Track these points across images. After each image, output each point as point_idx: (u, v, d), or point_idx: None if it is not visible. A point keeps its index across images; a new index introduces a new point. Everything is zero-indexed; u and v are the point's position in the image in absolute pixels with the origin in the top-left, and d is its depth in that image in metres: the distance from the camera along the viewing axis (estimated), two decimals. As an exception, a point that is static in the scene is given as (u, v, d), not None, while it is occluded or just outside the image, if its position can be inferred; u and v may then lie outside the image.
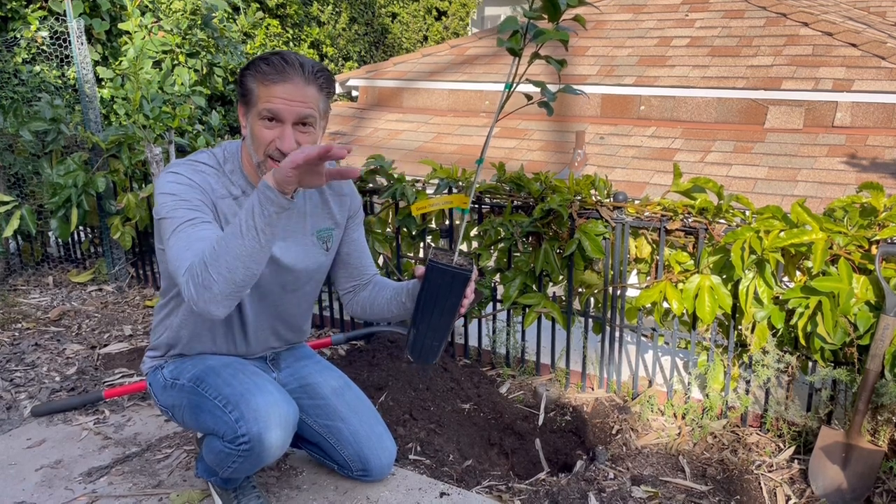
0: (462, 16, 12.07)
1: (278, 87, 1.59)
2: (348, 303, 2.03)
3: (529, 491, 2.14)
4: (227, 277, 1.46)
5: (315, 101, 1.64)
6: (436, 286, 1.59)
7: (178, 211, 1.61)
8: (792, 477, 2.24)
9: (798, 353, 2.35)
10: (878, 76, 4.87)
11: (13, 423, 2.50)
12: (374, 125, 6.26)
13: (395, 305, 1.87)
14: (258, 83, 1.62)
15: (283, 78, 1.60)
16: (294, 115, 1.61)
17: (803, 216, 2.18)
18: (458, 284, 1.59)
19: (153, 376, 1.93)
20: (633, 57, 5.85)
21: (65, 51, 4.64)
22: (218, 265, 1.45)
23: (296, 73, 1.61)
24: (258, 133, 1.63)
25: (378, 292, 1.95)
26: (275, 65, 1.60)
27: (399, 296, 1.86)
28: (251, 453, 1.66)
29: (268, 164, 1.65)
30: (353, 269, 2.01)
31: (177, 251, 1.56)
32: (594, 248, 2.55)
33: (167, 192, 1.64)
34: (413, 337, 1.66)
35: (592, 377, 2.80)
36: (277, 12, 8.68)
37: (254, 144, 1.65)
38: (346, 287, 2.03)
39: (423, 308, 1.63)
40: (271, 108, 1.60)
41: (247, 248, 1.44)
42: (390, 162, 3.13)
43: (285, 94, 1.60)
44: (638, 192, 4.43)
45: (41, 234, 4.31)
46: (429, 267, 1.59)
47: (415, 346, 1.67)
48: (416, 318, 1.65)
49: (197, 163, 1.72)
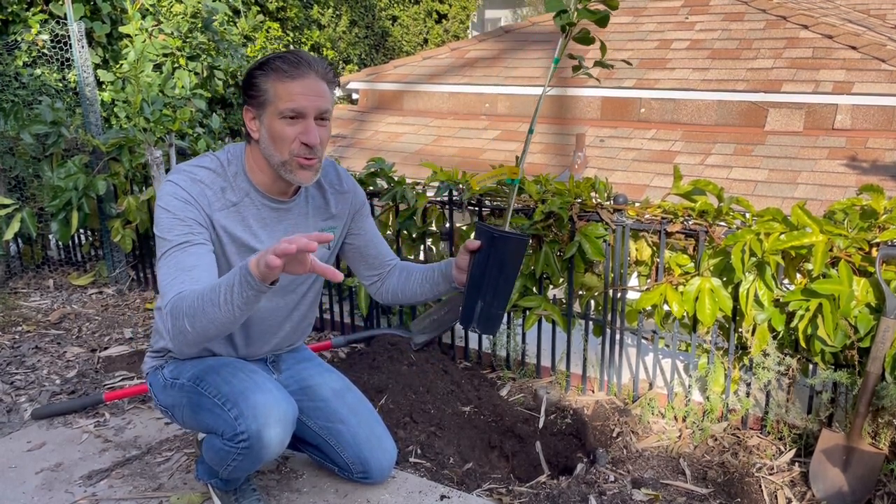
0: (462, 19, 12.09)
1: (297, 83, 1.63)
2: (376, 292, 2.06)
3: (530, 494, 2.14)
4: (200, 333, 1.52)
5: (329, 96, 1.69)
6: (501, 253, 1.66)
7: (172, 232, 1.64)
8: (793, 480, 2.23)
9: (798, 355, 2.35)
10: (879, 78, 4.87)
11: (13, 426, 2.50)
12: (375, 128, 6.27)
13: (427, 288, 1.93)
14: (274, 82, 1.64)
15: (301, 74, 1.63)
16: (316, 109, 1.65)
17: (803, 218, 2.18)
18: (522, 250, 1.69)
19: (153, 376, 1.93)
20: (634, 59, 5.86)
21: (65, 54, 4.64)
22: (194, 321, 1.50)
23: (311, 69, 1.65)
24: (280, 131, 1.65)
25: (406, 278, 1.99)
26: (291, 62, 1.64)
27: (431, 277, 1.92)
28: (250, 451, 1.66)
29: (296, 160, 1.67)
30: (372, 260, 2.03)
31: (163, 277, 1.61)
32: (594, 250, 2.55)
33: (164, 208, 1.66)
34: (479, 308, 1.71)
35: (593, 380, 2.80)
36: (278, 15, 8.69)
37: (275, 145, 1.67)
38: (371, 277, 2.05)
39: (487, 278, 1.69)
40: (295, 107, 1.63)
41: (222, 317, 1.47)
42: (391, 164, 3.13)
43: (305, 90, 1.63)
44: (638, 195, 4.43)
45: (41, 237, 4.31)
46: (494, 237, 1.66)
47: (481, 317, 1.72)
48: (478, 290, 1.70)
49: (198, 168, 1.73)
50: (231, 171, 1.76)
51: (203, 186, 1.70)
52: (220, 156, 1.78)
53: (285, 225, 1.83)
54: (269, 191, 1.78)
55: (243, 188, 1.76)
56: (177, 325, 1.53)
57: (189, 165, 1.74)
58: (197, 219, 1.67)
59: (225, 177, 1.75)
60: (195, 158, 1.77)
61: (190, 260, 1.62)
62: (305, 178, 1.71)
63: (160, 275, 1.63)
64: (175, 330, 1.55)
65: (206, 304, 1.47)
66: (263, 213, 1.79)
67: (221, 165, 1.75)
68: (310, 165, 1.69)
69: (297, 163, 1.67)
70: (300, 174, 1.69)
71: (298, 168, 1.68)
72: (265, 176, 1.76)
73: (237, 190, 1.75)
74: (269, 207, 1.80)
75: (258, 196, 1.78)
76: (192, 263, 1.61)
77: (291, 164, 1.68)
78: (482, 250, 1.69)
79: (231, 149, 1.80)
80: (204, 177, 1.72)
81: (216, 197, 1.72)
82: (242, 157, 1.78)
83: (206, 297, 1.47)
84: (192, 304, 1.50)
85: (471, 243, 1.72)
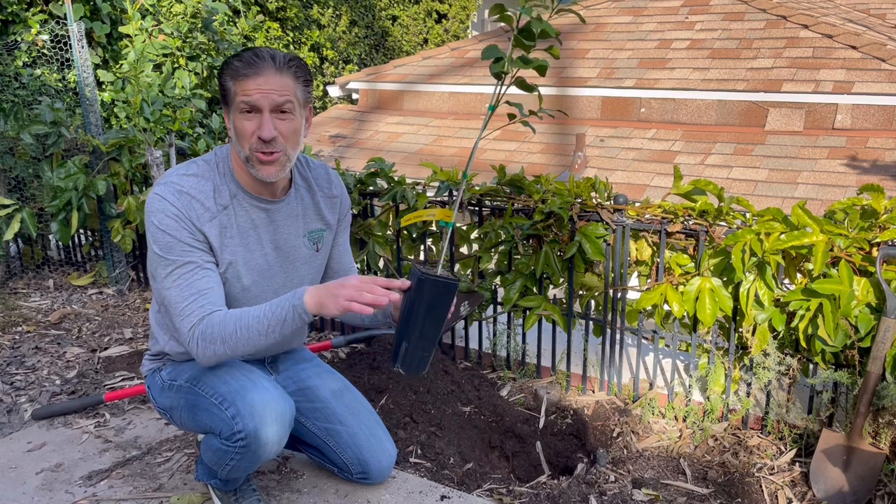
0: (462, 19, 12.09)
1: (251, 79, 1.63)
2: None
3: (530, 494, 2.14)
4: (231, 354, 1.66)
5: (291, 89, 1.67)
6: (428, 297, 1.62)
7: (173, 252, 1.66)
8: (793, 480, 2.23)
9: (799, 355, 2.35)
10: (879, 78, 4.87)
11: (14, 427, 2.50)
12: (375, 128, 6.27)
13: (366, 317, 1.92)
14: (232, 79, 1.65)
15: (255, 71, 1.63)
16: (270, 102, 1.64)
17: (804, 218, 2.18)
18: (449, 294, 1.64)
19: (151, 378, 1.93)
20: (634, 59, 5.85)
21: (65, 54, 4.64)
22: (233, 345, 1.63)
23: (266, 64, 1.64)
24: (240, 127, 1.66)
25: None
26: (246, 59, 1.64)
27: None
28: (248, 449, 1.66)
29: (256, 155, 1.67)
30: (333, 274, 2.02)
31: (175, 298, 1.66)
32: (595, 250, 2.55)
33: (157, 226, 1.66)
34: (404, 349, 1.67)
35: (593, 380, 2.80)
36: (278, 15, 8.68)
37: (238, 140, 1.68)
38: None
39: (412, 320, 1.65)
40: (247, 100, 1.63)
41: (263, 343, 1.63)
42: (391, 165, 3.13)
43: (258, 85, 1.63)
44: (638, 195, 4.43)
45: (42, 238, 4.31)
46: (421, 279, 1.61)
47: (405, 358, 1.69)
48: (405, 330, 1.66)
49: (184, 177, 1.71)
50: (220, 171, 1.76)
51: (189, 199, 1.69)
52: (207, 159, 1.78)
53: (275, 226, 1.83)
54: (256, 191, 1.78)
55: (231, 190, 1.76)
56: (209, 347, 1.64)
57: (176, 175, 1.72)
58: (192, 234, 1.68)
59: (213, 180, 1.74)
60: (183, 165, 1.76)
61: (202, 283, 1.66)
62: (268, 174, 1.70)
63: (170, 295, 1.66)
64: (206, 351, 1.65)
65: (251, 332, 1.61)
66: (253, 215, 1.78)
67: (210, 168, 1.75)
68: (270, 160, 1.68)
69: (257, 157, 1.67)
70: (262, 169, 1.69)
71: (259, 163, 1.68)
72: (248, 175, 1.76)
73: (227, 192, 1.75)
74: (259, 208, 1.79)
75: (246, 197, 1.77)
76: (205, 286, 1.66)
77: (253, 159, 1.68)
78: (410, 292, 1.65)
79: (218, 151, 1.80)
80: (191, 187, 1.70)
81: (204, 207, 1.70)
82: (229, 158, 1.78)
83: (250, 327, 1.61)
84: (230, 332, 1.60)
85: (402, 283, 1.68)
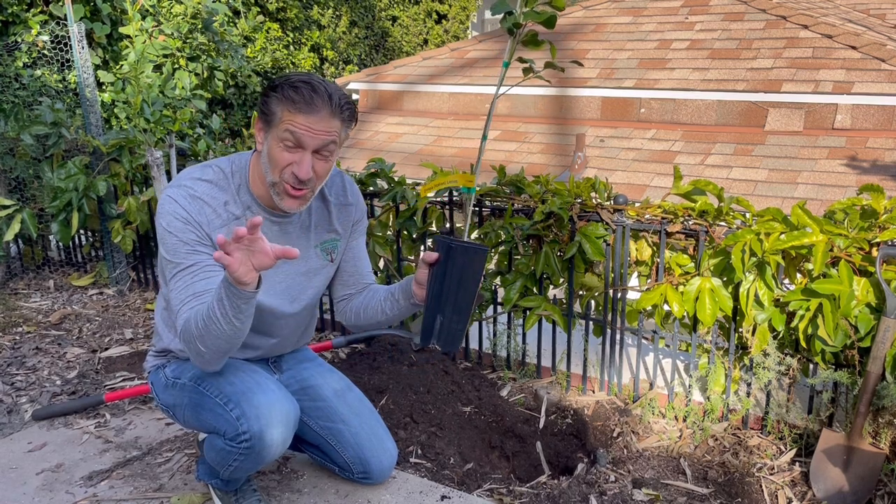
0: (462, 19, 12.09)
1: (304, 116, 1.58)
2: (341, 311, 2.02)
3: (530, 494, 2.14)
4: (213, 349, 1.58)
5: (337, 131, 1.64)
6: (460, 265, 1.61)
7: (178, 255, 1.66)
8: (793, 479, 2.23)
9: (799, 355, 2.35)
10: (878, 78, 4.87)
11: (14, 427, 2.50)
12: (375, 128, 6.27)
13: (388, 305, 1.86)
14: (283, 108, 1.60)
15: (310, 109, 1.58)
16: (317, 144, 1.61)
17: (804, 218, 2.18)
18: (480, 261, 1.62)
19: (155, 375, 1.93)
20: (633, 60, 5.86)
21: (66, 55, 4.64)
22: (204, 341, 1.56)
23: (324, 105, 1.59)
24: (276, 155, 1.63)
25: (371, 296, 1.93)
26: (303, 94, 1.58)
27: (392, 295, 1.85)
28: (252, 451, 1.66)
29: (286, 187, 1.65)
30: (348, 277, 1.99)
31: (176, 302, 1.65)
32: (595, 250, 2.55)
33: (166, 229, 1.66)
34: (439, 324, 1.66)
35: (593, 380, 2.80)
36: (278, 16, 8.69)
37: (270, 164, 1.65)
38: (342, 294, 2.01)
39: (445, 292, 1.64)
40: (295, 136, 1.59)
41: (225, 330, 1.51)
42: (391, 165, 3.13)
43: (310, 124, 1.59)
44: (638, 195, 4.43)
45: (42, 238, 4.31)
46: (451, 247, 1.60)
47: (441, 334, 1.67)
48: (437, 305, 1.65)
49: (199, 182, 1.71)
50: (235, 182, 1.74)
51: (202, 203, 1.69)
52: (223, 166, 1.76)
53: (287, 239, 1.82)
54: (270, 204, 1.77)
55: (245, 201, 1.75)
56: (192, 348, 1.60)
57: (190, 178, 1.71)
58: (199, 238, 1.68)
59: (227, 189, 1.73)
60: (198, 168, 1.75)
61: (199, 285, 1.64)
62: (291, 206, 1.69)
63: (172, 297, 1.66)
64: (193, 354, 1.61)
65: (209, 321, 1.51)
66: (265, 228, 1.76)
67: (224, 177, 1.74)
68: (298, 196, 1.67)
69: (286, 189, 1.65)
70: (287, 201, 1.68)
71: (286, 195, 1.66)
72: (265, 191, 1.74)
73: (239, 203, 1.74)
74: (271, 221, 1.79)
75: (260, 210, 1.76)
76: (202, 288, 1.64)
77: (280, 188, 1.66)
78: (440, 263, 1.63)
79: (236, 159, 1.78)
80: (204, 192, 1.70)
81: (215, 214, 1.70)
82: (247, 169, 1.76)
83: (206, 316, 1.51)
84: (197, 326, 1.54)
85: (428, 255, 1.66)
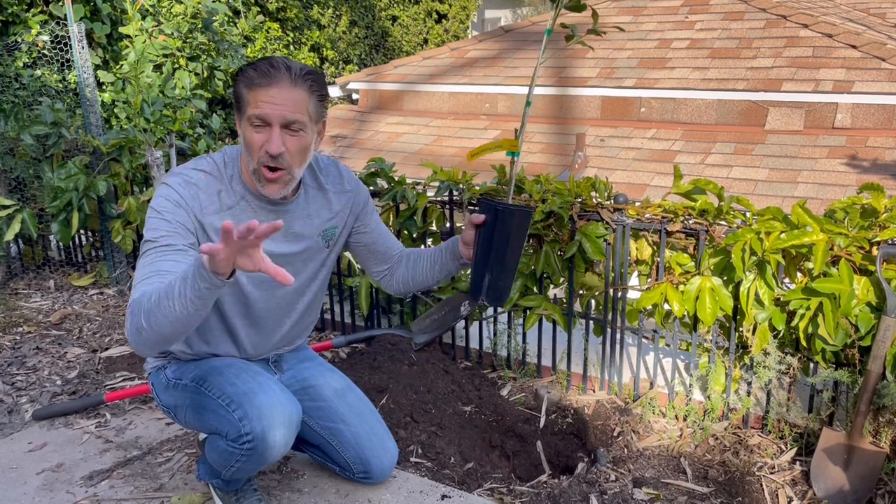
0: (462, 19, 12.09)
1: (263, 90, 1.61)
2: (387, 284, 2.08)
3: (531, 493, 2.14)
4: (155, 330, 1.48)
5: (303, 104, 1.64)
6: (508, 226, 1.69)
7: (157, 233, 1.65)
8: (794, 478, 2.23)
9: (799, 354, 2.35)
10: (879, 77, 4.87)
11: (14, 427, 2.50)
12: (375, 128, 6.27)
13: (437, 269, 1.95)
14: (246, 89, 1.63)
15: (269, 81, 1.61)
16: (280, 117, 1.62)
17: (804, 217, 2.18)
18: (526, 222, 1.71)
19: (155, 376, 1.93)
20: (634, 59, 5.86)
21: (66, 55, 4.64)
22: (149, 317, 1.47)
23: (282, 76, 1.61)
24: (249, 138, 1.65)
25: (415, 265, 2.01)
26: (261, 69, 1.62)
27: (440, 258, 1.94)
28: (254, 452, 1.66)
29: (262, 171, 1.66)
30: (380, 255, 2.05)
31: (138, 276, 1.61)
32: (595, 250, 2.55)
33: (154, 208, 1.68)
34: (487, 282, 1.74)
35: (594, 379, 2.80)
36: (278, 16, 8.69)
37: (247, 151, 1.67)
38: (380, 272, 2.07)
39: (494, 251, 1.71)
40: (259, 113, 1.61)
41: (176, 311, 1.44)
42: (391, 165, 3.13)
43: (271, 98, 1.61)
44: (638, 194, 4.43)
45: (42, 238, 4.31)
46: (499, 210, 1.68)
47: (489, 290, 1.75)
48: (485, 263, 1.73)
49: (194, 171, 1.73)
50: (228, 173, 1.76)
51: (197, 189, 1.70)
52: (216, 158, 1.78)
53: (286, 227, 1.83)
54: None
55: (239, 191, 1.76)
56: (134, 322, 1.51)
57: (185, 168, 1.74)
58: (185, 223, 1.67)
59: (221, 179, 1.74)
60: (192, 160, 1.77)
61: (167, 265, 1.60)
62: (270, 192, 1.69)
63: (137, 271, 1.62)
64: (132, 328, 1.52)
65: (163, 297, 1.44)
66: (261, 216, 1.78)
67: (218, 168, 1.75)
68: (275, 178, 1.67)
69: (263, 173, 1.66)
70: (267, 187, 1.68)
71: (265, 180, 1.67)
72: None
73: (233, 193, 1.75)
74: (267, 210, 1.79)
75: (254, 199, 1.77)
76: (167, 268, 1.60)
77: (259, 174, 1.67)
78: (487, 225, 1.71)
79: (228, 150, 1.80)
80: (199, 180, 1.71)
81: (210, 201, 1.71)
82: (238, 160, 1.78)
83: (164, 292, 1.45)
84: (150, 300, 1.48)
85: (475, 217, 1.73)
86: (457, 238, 1.87)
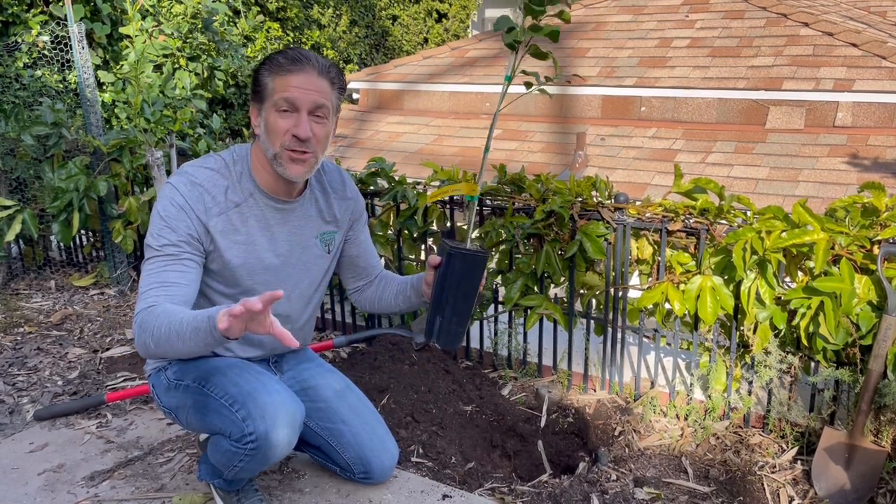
0: (462, 18, 12.08)
1: (293, 76, 1.65)
2: (356, 300, 2.11)
3: (532, 493, 2.14)
4: (161, 354, 1.61)
5: (328, 94, 1.70)
6: (459, 271, 1.68)
7: (161, 239, 1.67)
8: (795, 478, 2.23)
9: (800, 353, 2.35)
10: (879, 76, 4.86)
11: (16, 427, 2.50)
12: (375, 127, 6.26)
13: (401, 300, 1.99)
14: (273, 76, 1.67)
15: (299, 68, 1.65)
16: (310, 102, 1.66)
17: (805, 216, 2.18)
18: (479, 267, 1.69)
19: (156, 378, 1.93)
20: (634, 58, 5.85)
21: (66, 55, 4.64)
22: (158, 343, 1.57)
23: (311, 65, 1.67)
24: (274, 123, 1.67)
25: (384, 288, 2.04)
26: (290, 56, 1.67)
27: (404, 291, 1.97)
28: (258, 452, 1.66)
29: (284, 155, 1.68)
30: (360, 270, 2.07)
31: (143, 284, 1.66)
32: (595, 249, 2.55)
33: (158, 212, 1.69)
34: (438, 324, 1.73)
35: (594, 379, 2.80)
36: (278, 15, 8.68)
37: (269, 137, 1.69)
38: (355, 286, 2.10)
39: (445, 295, 1.70)
40: (288, 97, 1.65)
41: (183, 350, 1.55)
42: (391, 164, 3.13)
43: (300, 83, 1.65)
44: (639, 194, 4.43)
45: (43, 238, 4.31)
46: (449, 253, 1.66)
47: (440, 333, 1.74)
48: (438, 306, 1.72)
49: (201, 169, 1.74)
50: (236, 170, 1.77)
51: (202, 190, 1.71)
52: (224, 156, 1.79)
53: (289, 227, 1.84)
54: (273, 191, 1.79)
55: (247, 189, 1.77)
56: (141, 337, 1.61)
57: (192, 167, 1.75)
58: (189, 229, 1.68)
59: (229, 177, 1.75)
60: (200, 158, 1.78)
61: (172, 276, 1.65)
62: (295, 173, 1.71)
63: (141, 279, 1.66)
64: (139, 341, 1.61)
65: (172, 335, 1.52)
66: (267, 214, 1.79)
67: (226, 165, 1.76)
68: (301, 160, 1.70)
69: (288, 156, 1.69)
70: (290, 168, 1.70)
71: (289, 161, 1.69)
72: (268, 174, 1.77)
73: (241, 190, 1.76)
74: (274, 208, 1.80)
75: (262, 196, 1.78)
76: (173, 280, 1.64)
77: (282, 157, 1.69)
78: (441, 267, 1.70)
79: (237, 149, 1.81)
80: (205, 179, 1.72)
81: (215, 201, 1.72)
82: (248, 157, 1.79)
83: (173, 329, 1.52)
84: (159, 328, 1.55)
85: (433, 259, 1.75)
86: (422, 275, 1.88)
